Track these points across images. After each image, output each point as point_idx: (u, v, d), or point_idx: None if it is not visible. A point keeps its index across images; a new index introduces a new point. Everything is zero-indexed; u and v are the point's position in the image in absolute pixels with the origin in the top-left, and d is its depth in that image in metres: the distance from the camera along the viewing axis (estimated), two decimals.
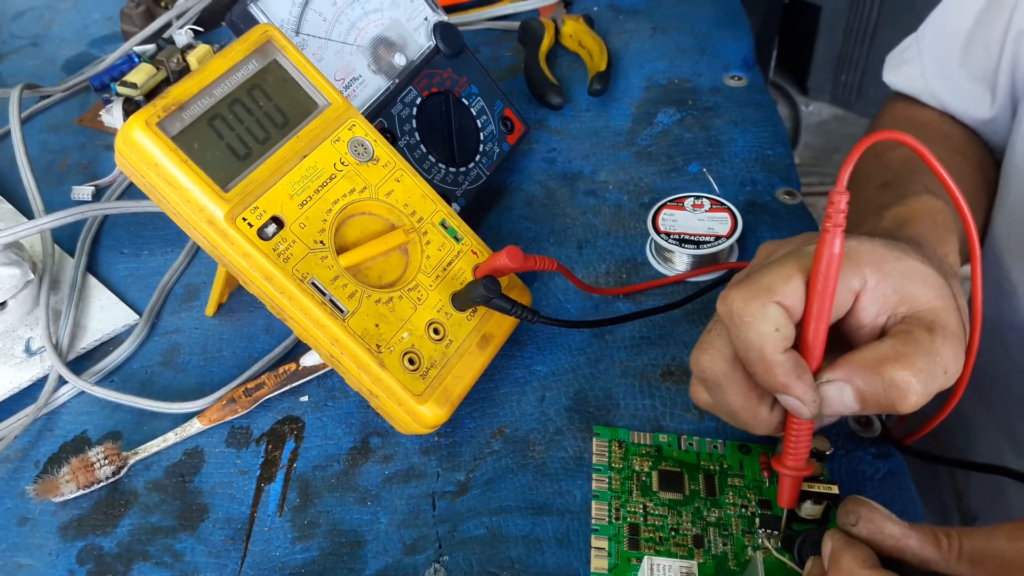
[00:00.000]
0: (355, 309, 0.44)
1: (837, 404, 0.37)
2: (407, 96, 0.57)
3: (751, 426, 0.40)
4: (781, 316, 0.36)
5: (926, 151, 0.36)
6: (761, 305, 0.36)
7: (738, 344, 0.37)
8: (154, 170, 0.42)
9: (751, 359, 0.37)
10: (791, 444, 0.39)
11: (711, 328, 0.40)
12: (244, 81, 0.45)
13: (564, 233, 0.60)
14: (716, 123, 0.67)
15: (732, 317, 0.37)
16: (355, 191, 0.46)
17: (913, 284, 0.37)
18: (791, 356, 0.36)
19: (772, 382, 0.37)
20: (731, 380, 0.39)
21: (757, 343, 0.36)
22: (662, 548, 0.41)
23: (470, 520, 0.44)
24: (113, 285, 0.59)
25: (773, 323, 0.36)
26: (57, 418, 0.51)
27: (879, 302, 0.37)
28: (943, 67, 0.60)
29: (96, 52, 0.83)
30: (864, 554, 0.34)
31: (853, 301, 0.38)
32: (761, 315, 0.36)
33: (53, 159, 0.70)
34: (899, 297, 0.37)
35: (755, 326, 0.36)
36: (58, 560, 0.44)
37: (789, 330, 0.36)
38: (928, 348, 0.36)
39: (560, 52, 0.78)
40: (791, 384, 0.36)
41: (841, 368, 0.36)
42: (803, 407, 0.37)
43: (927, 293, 0.37)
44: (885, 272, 0.37)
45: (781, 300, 0.36)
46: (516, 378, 0.50)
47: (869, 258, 0.37)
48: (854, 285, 0.37)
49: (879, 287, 0.37)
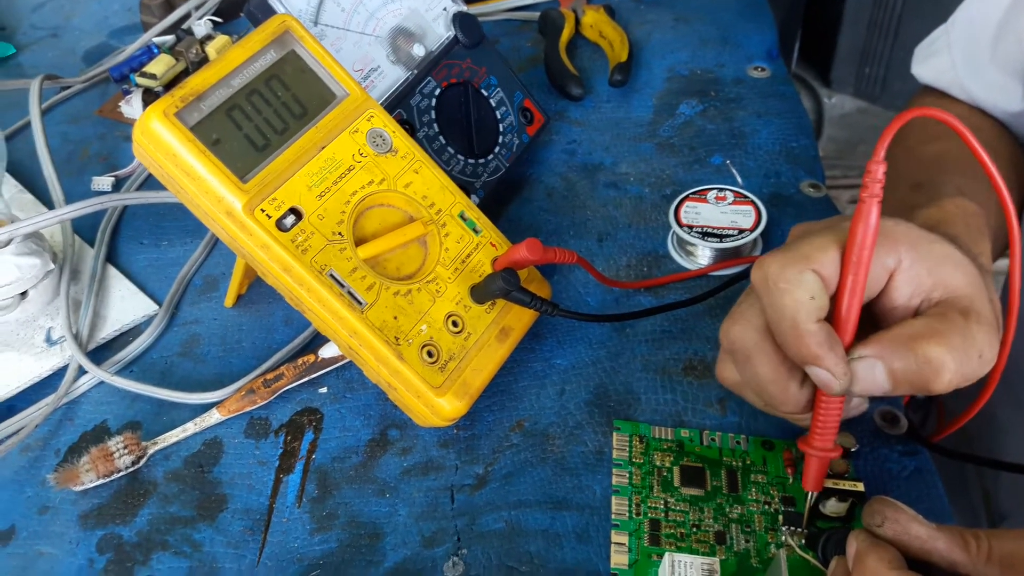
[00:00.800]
0: (373, 301, 0.44)
1: (868, 382, 0.36)
2: (426, 87, 0.56)
3: (779, 402, 0.39)
4: (817, 284, 0.36)
5: (967, 132, 0.35)
6: (798, 272, 0.36)
7: (771, 312, 0.36)
8: (172, 160, 0.42)
9: (783, 328, 0.36)
10: (819, 423, 0.38)
11: (743, 300, 0.40)
12: (262, 72, 0.45)
13: (584, 225, 0.59)
14: (739, 114, 0.66)
15: (767, 283, 0.36)
16: (373, 182, 0.46)
17: (947, 268, 0.37)
18: (824, 327, 0.36)
19: (803, 352, 0.36)
20: (761, 351, 0.38)
21: (791, 310, 0.35)
22: (683, 544, 0.41)
23: (489, 514, 0.44)
24: (133, 275, 0.59)
25: (809, 291, 0.35)
26: (77, 408, 0.51)
27: (913, 283, 0.37)
28: (973, 59, 0.59)
29: (116, 43, 0.83)
30: (890, 555, 0.33)
31: (887, 280, 0.37)
32: (797, 281, 0.35)
33: (73, 150, 0.70)
34: (933, 280, 0.36)
35: (791, 292, 0.35)
36: (78, 548, 0.44)
37: (824, 300, 0.36)
38: (963, 330, 0.35)
39: (580, 43, 0.77)
40: (823, 355, 0.35)
41: (873, 344, 0.36)
42: (833, 381, 0.36)
43: (961, 279, 0.36)
44: (921, 253, 0.36)
45: (818, 268, 0.36)
46: (535, 371, 0.50)
47: (905, 237, 0.37)
48: (889, 263, 0.36)
49: (914, 267, 0.36)
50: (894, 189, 0.53)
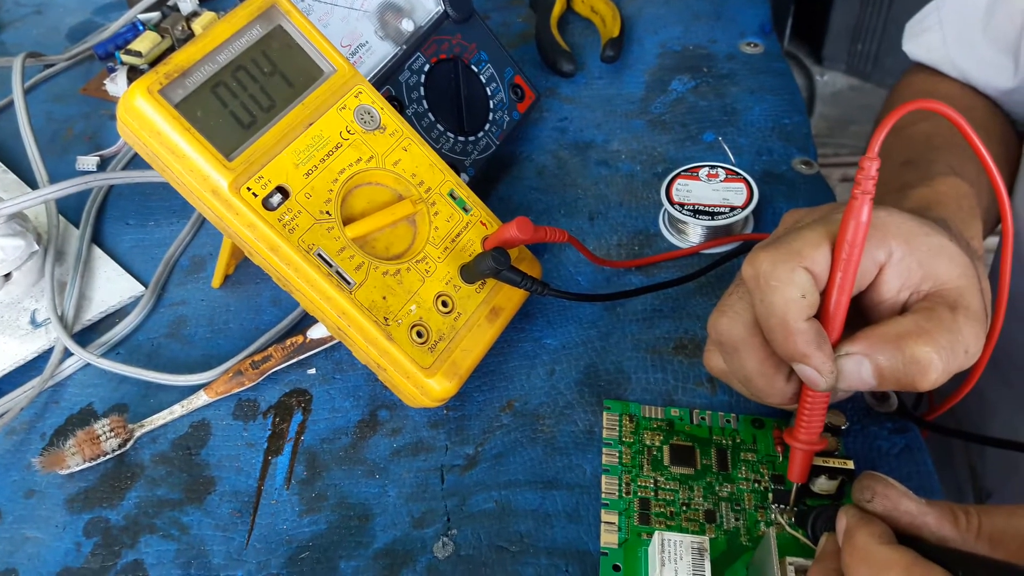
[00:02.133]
0: (362, 281, 0.43)
1: (855, 379, 0.36)
2: (415, 63, 0.55)
3: (765, 394, 0.39)
4: (808, 283, 0.35)
5: (965, 124, 0.35)
6: (790, 270, 0.35)
7: (761, 309, 0.36)
8: (156, 139, 0.41)
9: (772, 325, 0.36)
10: (805, 417, 0.38)
11: (732, 292, 0.39)
12: (248, 47, 0.44)
13: (575, 204, 0.58)
14: (732, 91, 0.66)
15: (759, 280, 0.36)
16: (362, 160, 0.45)
17: (939, 261, 0.36)
18: (813, 325, 0.36)
19: (791, 350, 0.36)
20: (749, 345, 0.38)
21: (781, 309, 0.35)
22: (673, 523, 0.41)
23: (479, 494, 0.43)
24: (119, 256, 0.58)
25: (800, 289, 0.35)
26: (63, 390, 0.50)
27: (903, 276, 0.36)
28: (964, 35, 0.58)
29: (100, 20, 0.82)
30: (880, 530, 0.33)
31: (876, 273, 0.37)
32: (789, 280, 0.35)
33: (57, 129, 0.69)
34: (923, 273, 0.36)
35: (781, 291, 0.35)
36: (65, 532, 0.44)
37: (814, 298, 0.36)
38: (951, 326, 0.35)
39: (572, 18, 0.76)
40: (810, 354, 0.35)
41: (860, 342, 0.36)
42: (820, 379, 0.36)
43: (952, 271, 0.36)
44: (912, 246, 0.36)
45: (810, 266, 0.35)
46: (526, 351, 0.50)
47: (897, 230, 0.36)
48: (879, 257, 0.36)
49: (904, 260, 0.36)
50: (885, 166, 0.53)
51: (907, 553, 0.31)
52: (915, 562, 0.30)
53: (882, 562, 0.31)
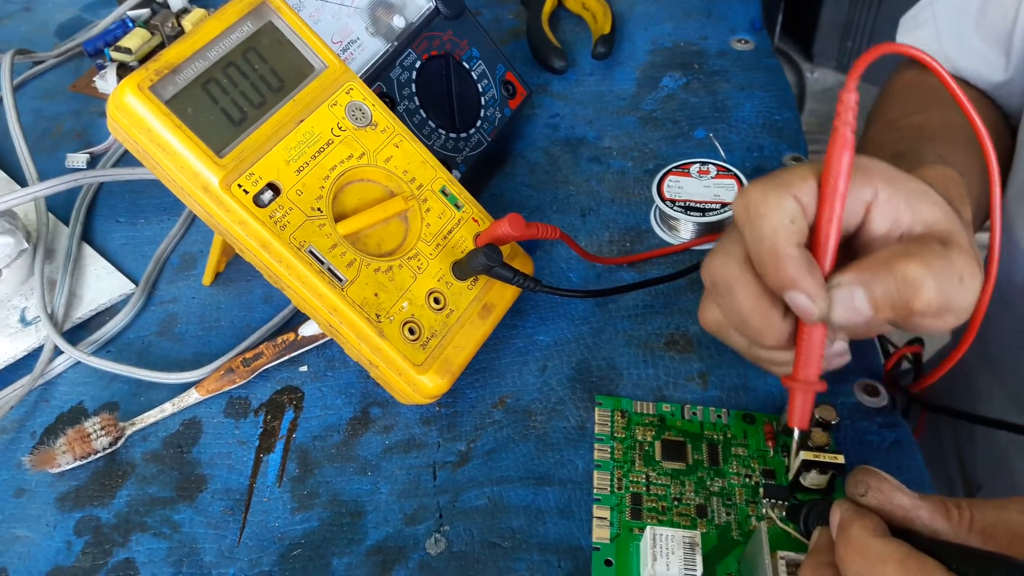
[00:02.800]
0: (354, 278, 0.43)
1: (849, 309, 0.36)
2: (406, 59, 0.55)
3: (761, 334, 0.39)
4: (797, 209, 0.36)
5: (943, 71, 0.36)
6: (778, 198, 0.36)
7: (751, 239, 0.37)
8: (147, 135, 0.41)
9: (763, 253, 0.36)
10: (802, 354, 0.38)
11: (724, 235, 0.40)
12: (239, 44, 0.44)
13: (567, 200, 0.58)
14: (723, 87, 0.66)
15: (748, 211, 0.37)
16: (353, 157, 0.45)
17: (925, 203, 0.37)
18: (803, 251, 0.36)
19: (782, 277, 0.36)
20: (742, 281, 0.38)
21: (771, 235, 0.36)
22: (665, 518, 0.41)
23: (471, 490, 0.43)
24: (109, 254, 0.58)
25: (788, 215, 0.36)
26: (53, 389, 0.50)
27: (891, 216, 0.37)
28: (958, 29, 0.59)
29: (90, 17, 0.82)
30: (874, 523, 0.33)
31: (864, 213, 0.37)
32: (778, 207, 0.36)
33: (47, 126, 0.69)
34: (912, 215, 0.37)
35: (770, 217, 0.36)
36: (55, 531, 0.44)
37: (803, 225, 0.36)
38: (942, 254, 0.35)
39: (563, 15, 0.76)
40: (800, 279, 0.36)
41: (852, 270, 0.36)
42: (811, 306, 0.36)
43: (939, 213, 0.37)
44: (897, 187, 0.37)
45: (798, 195, 0.36)
46: (518, 348, 0.50)
47: (880, 172, 0.37)
48: (866, 196, 0.37)
49: (891, 201, 0.37)
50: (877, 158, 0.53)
51: (902, 546, 0.31)
52: (909, 554, 0.31)
53: (877, 554, 0.31)
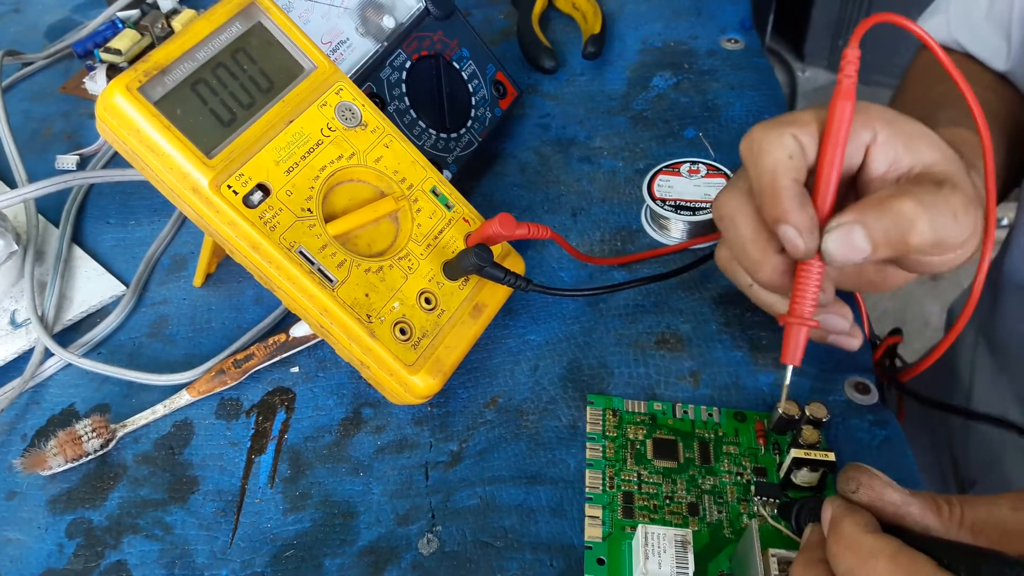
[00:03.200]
0: (344, 278, 0.43)
1: (848, 248, 0.37)
2: (396, 60, 0.55)
3: (758, 265, 0.40)
4: (795, 146, 0.38)
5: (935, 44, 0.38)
6: (778, 135, 0.38)
7: (753, 173, 0.39)
8: (136, 136, 0.41)
9: (762, 185, 0.38)
10: (798, 291, 0.39)
11: (735, 175, 0.42)
12: (228, 44, 0.44)
13: (558, 200, 0.59)
14: (713, 87, 0.66)
15: (752, 146, 0.39)
16: (343, 157, 0.45)
17: (923, 144, 0.39)
18: (798, 185, 0.38)
19: (776, 209, 0.38)
20: (743, 212, 0.40)
21: (770, 168, 0.38)
22: (656, 516, 0.41)
23: (463, 490, 0.43)
24: (99, 256, 0.58)
25: (787, 151, 0.38)
26: (44, 391, 0.50)
27: (890, 156, 0.39)
28: (968, 17, 0.60)
29: (79, 18, 0.81)
30: (865, 519, 0.33)
31: (864, 154, 0.39)
32: (778, 143, 0.38)
33: (36, 128, 0.69)
34: (911, 157, 0.38)
35: (771, 152, 0.38)
36: (47, 534, 0.43)
37: (801, 161, 0.38)
38: (935, 191, 0.37)
39: (553, 15, 0.76)
40: (791, 210, 0.37)
41: (849, 211, 0.37)
42: (800, 240, 0.37)
43: (936, 155, 0.38)
44: (895, 129, 0.39)
45: (797, 134, 0.38)
46: (509, 347, 0.50)
47: (880, 114, 0.39)
48: (865, 137, 0.39)
49: (890, 142, 0.39)
50: None
51: (892, 541, 0.31)
52: (900, 550, 0.31)
53: (868, 550, 0.31)
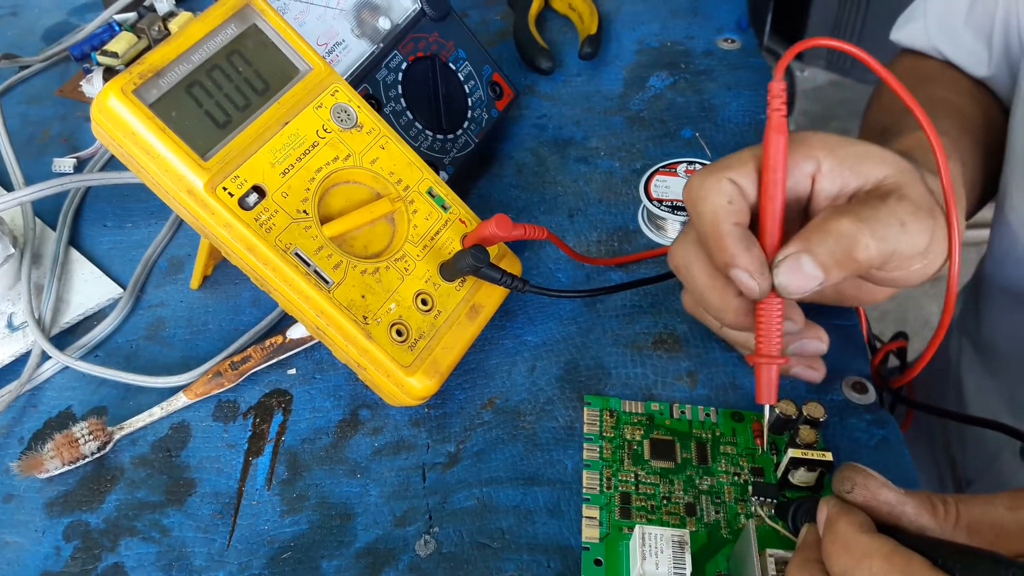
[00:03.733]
0: (340, 280, 0.43)
1: (800, 277, 0.37)
2: (392, 61, 0.55)
3: (720, 310, 0.40)
4: (733, 190, 0.38)
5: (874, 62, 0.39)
6: (715, 181, 0.38)
7: (697, 223, 0.39)
8: (131, 139, 0.41)
9: (706, 234, 0.38)
10: (761, 330, 0.39)
11: (685, 226, 0.43)
12: (223, 46, 0.44)
13: (555, 201, 0.59)
14: (709, 87, 0.66)
15: (691, 196, 0.39)
16: (339, 159, 0.45)
17: (870, 163, 0.38)
18: (741, 228, 0.38)
19: (723, 254, 0.38)
20: (695, 260, 0.40)
21: (710, 215, 0.38)
22: (654, 517, 0.41)
23: (460, 491, 0.43)
24: (96, 258, 0.58)
25: (725, 196, 0.38)
26: (41, 394, 0.50)
27: (837, 183, 0.39)
28: (947, 23, 0.59)
29: (76, 21, 0.81)
30: (860, 519, 0.33)
31: (811, 184, 0.39)
32: (715, 189, 0.38)
33: (33, 131, 0.69)
34: (858, 179, 0.38)
35: (709, 199, 0.38)
36: (44, 537, 0.43)
37: (741, 204, 0.38)
38: (876, 204, 0.37)
39: (550, 15, 0.76)
40: (738, 254, 0.37)
41: (794, 241, 0.38)
42: (752, 282, 0.38)
43: (885, 170, 0.38)
44: (839, 155, 0.39)
45: (734, 177, 0.38)
46: (506, 348, 0.50)
47: (820, 143, 0.39)
48: (808, 168, 0.39)
49: (835, 169, 0.38)
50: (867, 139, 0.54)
51: (887, 541, 0.31)
52: (895, 550, 0.31)
53: (863, 550, 0.31)
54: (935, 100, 0.56)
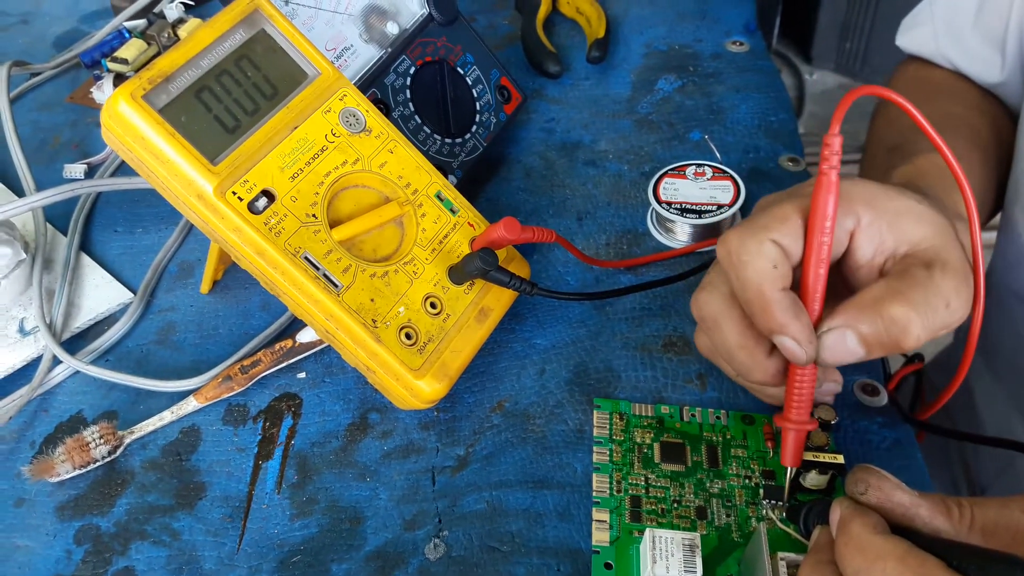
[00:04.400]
0: (350, 284, 0.43)
1: (842, 351, 0.36)
2: (400, 66, 0.55)
3: (749, 370, 0.39)
4: (778, 254, 0.36)
5: (910, 105, 0.36)
6: (758, 243, 0.36)
7: (736, 285, 0.37)
8: (141, 144, 0.41)
9: (749, 298, 0.37)
10: (794, 396, 0.38)
11: (711, 269, 0.40)
12: (232, 52, 0.44)
13: (563, 204, 0.59)
14: (718, 90, 0.66)
15: (730, 257, 0.37)
16: (347, 163, 0.45)
17: (908, 222, 0.37)
18: (789, 295, 0.36)
19: (770, 322, 0.36)
20: (728, 317, 0.39)
21: (755, 281, 0.36)
22: (664, 520, 0.41)
23: (470, 495, 0.43)
24: (107, 263, 0.58)
25: (770, 260, 0.36)
26: (52, 398, 0.50)
27: (875, 241, 0.37)
28: (955, 29, 0.59)
29: (86, 28, 0.82)
30: (874, 520, 0.33)
31: (848, 241, 0.38)
32: (758, 252, 0.36)
33: (44, 137, 0.69)
34: (895, 237, 0.37)
35: (752, 264, 0.36)
36: (55, 540, 0.44)
37: (786, 268, 0.37)
38: (925, 283, 0.36)
39: (558, 19, 0.76)
40: (787, 323, 0.36)
41: (840, 314, 0.36)
42: (799, 350, 0.36)
43: (923, 230, 0.37)
44: (879, 210, 0.37)
45: (777, 238, 0.36)
46: (516, 351, 0.50)
47: (861, 196, 0.37)
48: (848, 224, 0.37)
49: (873, 225, 0.37)
50: (874, 155, 0.54)
51: (901, 543, 0.31)
52: (909, 551, 0.30)
53: (877, 552, 0.31)
54: (944, 115, 0.55)
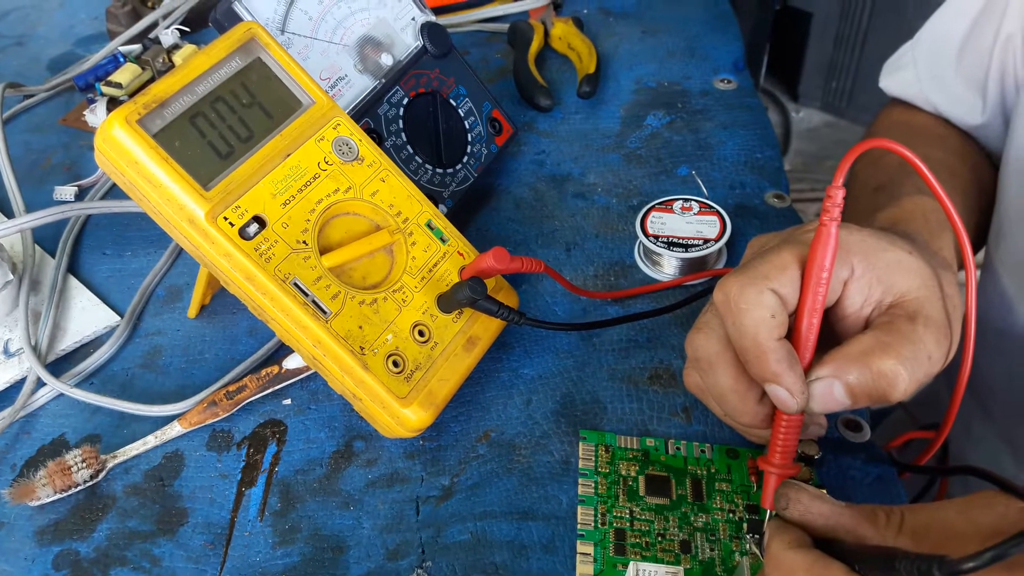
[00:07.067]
0: (338, 310, 0.44)
1: (829, 401, 0.37)
2: (394, 96, 0.56)
3: (739, 413, 0.40)
4: (776, 303, 0.37)
5: (917, 160, 0.36)
6: (757, 292, 0.37)
7: (733, 332, 0.37)
8: (134, 168, 0.41)
9: (745, 346, 0.37)
10: (779, 440, 0.39)
11: (707, 310, 0.41)
12: (227, 79, 0.45)
13: (552, 235, 0.59)
14: (705, 126, 0.67)
15: (728, 304, 0.37)
16: (339, 191, 0.46)
17: (897, 274, 0.38)
18: (784, 345, 0.37)
19: (763, 370, 0.37)
20: (723, 360, 0.39)
21: (752, 329, 0.36)
22: (648, 554, 0.41)
23: (454, 525, 0.43)
24: (95, 286, 0.58)
25: (769, 310, 0.36)
26: (35, 421, 0.50)
27: (864, 291, 0.38)
28: (937, 73, 0.60)
29: (81, 52, 0.83)
30: (790, 536, 0.34)
31: (841, 290, 0.38)
32: (757, 302, 0.36)
33: (36, 159, 0.69)
34: (884, 287, 0.38)
35: (751, 312, 0.36)
36: (34, 565, 0.43)
37: (783, 318, 0.37)
38: (911, 336, 0.36)
39: (549, 54, 0.77)
40: (782, 373, 0.36)
41: (829, 364, 0.37)
42: (791, 399, 0.37)
43: (911, 282, 0.38)
44: (872, 262, 0.38)
45: (777, 288, 0.37)
46: (502, 381, 0.50)
47: (858, 248, 0.38)
48: (843, 274, 0.38)
49: (865, 276, 0.38)
50: (858, 196, 0.54)
51: (809, 554, 0.32)
52: (816, 561, 0.32)
53: (788, 567, 0.32)
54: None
